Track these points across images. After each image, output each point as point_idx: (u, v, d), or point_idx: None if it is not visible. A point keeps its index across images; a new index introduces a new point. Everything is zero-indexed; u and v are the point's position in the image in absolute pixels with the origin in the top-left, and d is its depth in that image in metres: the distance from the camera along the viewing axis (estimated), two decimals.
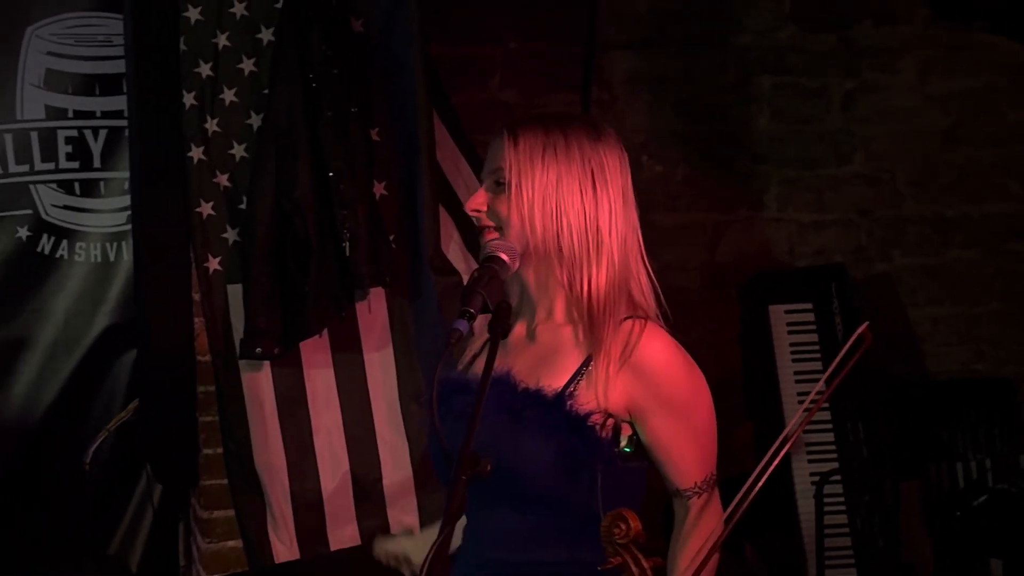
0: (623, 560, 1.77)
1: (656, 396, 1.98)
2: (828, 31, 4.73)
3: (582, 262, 2.01)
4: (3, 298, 4.35)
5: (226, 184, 3.57)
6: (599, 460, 1.95)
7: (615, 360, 1.98)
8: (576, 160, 2.02)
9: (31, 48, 4.29)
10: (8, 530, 4.36)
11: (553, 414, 1.95)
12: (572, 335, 2.03)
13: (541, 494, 1.97)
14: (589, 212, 2.01)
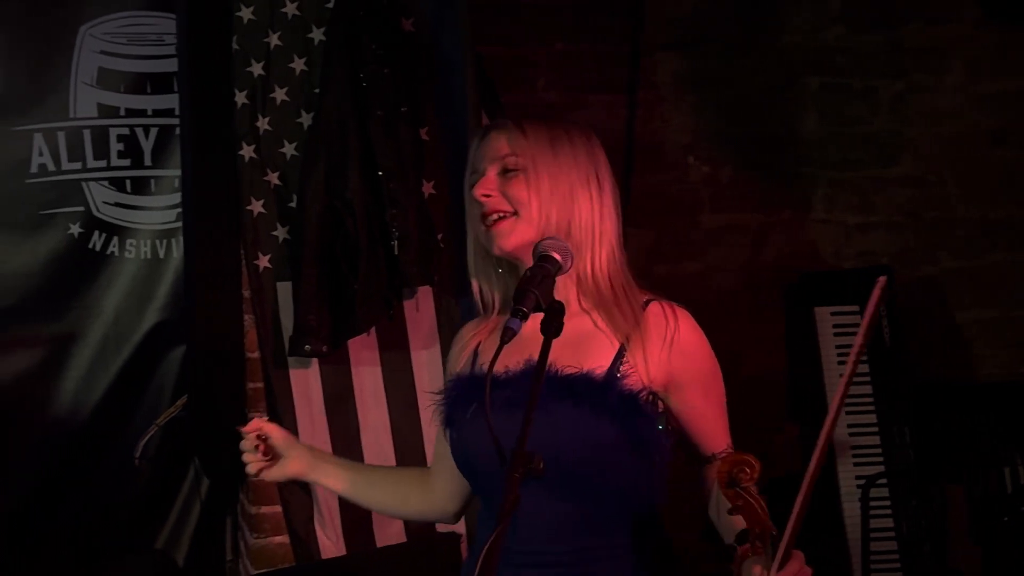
0: (746, 502, 1.79)
1: (693, 370, 2.04)
2: (876, 31, 4.71)
3: (588, 247, 2.06)
4: (55, 294, 4.40)
5: (276, 182, 3.60)
6: (653, 436, 2.00)
7: (656, 340, 2.02)
8: (581, 153, 2.10)
9: (84, 47, 4.34)
10: (57, 524, 4.42)
11: (607, 394, 1.98)
12: (592, 322, 2.06)
13: (597, 475, 1.98)
14: (595, 199, 2.08)
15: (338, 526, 3.61)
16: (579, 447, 1.96)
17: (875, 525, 4.10)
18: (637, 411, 1.98)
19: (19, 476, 4.42)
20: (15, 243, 4.36)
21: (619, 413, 1.97)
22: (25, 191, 4.36)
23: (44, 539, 4.42)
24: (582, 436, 1.97)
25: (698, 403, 2.05)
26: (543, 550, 2.01)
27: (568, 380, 1.99)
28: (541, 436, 1.84)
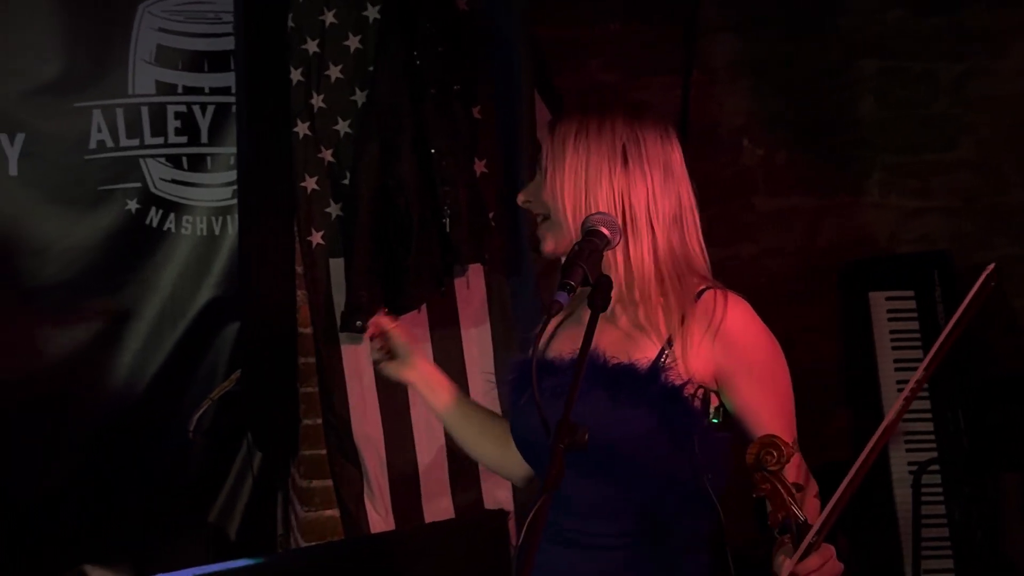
0: (772, 487, 1.80)
1: (744, 363, 2.01)
2: (936, 14, 4.67)
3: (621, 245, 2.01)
4: (112, 269, 4.45)
5: (330, 159, 3.61)
6: (695, 429, 1.98)
7: (702, 331, 2.00)
8: (607, 139, 2.04)
9: (143, 24, 4.38)
10: (112, 498, 4.48)
11: (649, 387, 1.97)
12: (648, 313, 2.04)
13: (636, 465, 1.99)
14: (619, 190, 2.02)
15: (387, 501, 3.63)
16: (619, 436, 1.97)
17: (927, 512, 4.09)
18: (677, 403, 1.97)
19: (75, 449, 4.48)
20: (74, 218, 4.42)
21: (659, 405, 1.97)
22: (84, 167, 4.41)
23: (100, 513, 4.50)
24: (621, 426, 1.97)
25: (750, 396, 2.01)
26: (589, 531, 2.03)
27: (612, 371, 2.00)
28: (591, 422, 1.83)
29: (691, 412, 1.98)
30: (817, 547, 1.74)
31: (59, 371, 4.42)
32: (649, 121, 2.09)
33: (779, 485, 1.79)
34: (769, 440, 1.80)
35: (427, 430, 3.67)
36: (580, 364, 1.80)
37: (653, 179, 2.03)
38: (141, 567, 4.37)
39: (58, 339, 4.42)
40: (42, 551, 4.45)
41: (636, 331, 2.04)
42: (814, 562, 1.74)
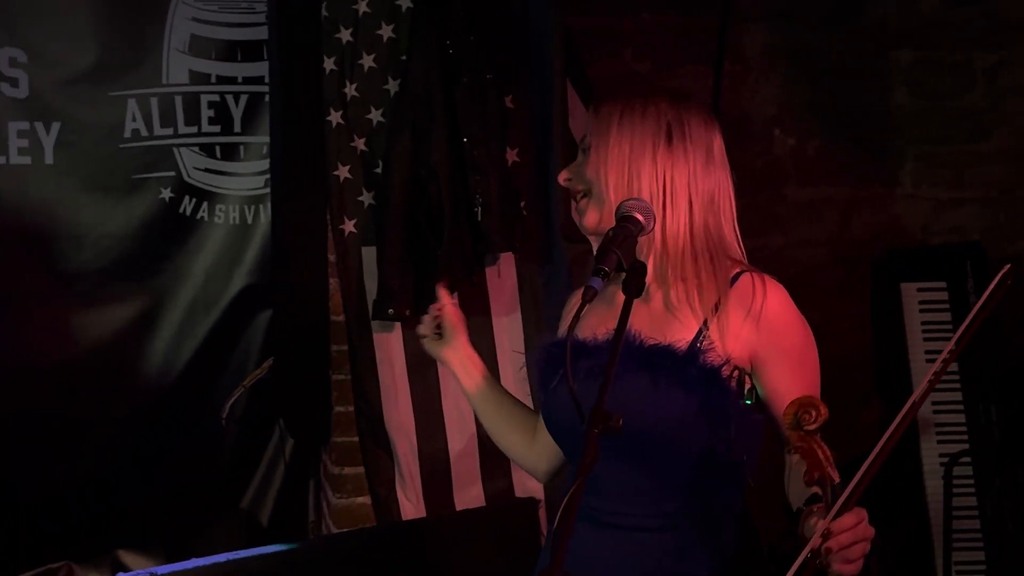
0: (808, 447, 1.81)
1: (779, 346, 2.03)
2: (970, 4, 4.64)
3: (660, 212, 2.04)
4: (146, 257, 4.47)
5: (363, 148, 3.62)
6: (733, 411, 2.00)
7: (742, 314, 2.02)
8: (651, 119, 2.07)
9: (177, 13, 4.40)
10: (145, 483, 4.50)
11: (688, 368, 1.99)
12: (683, 292, 2.06)
13: (675, 447, 2.00)
14: (662, 168, 2.05)
15: (419, 488, 3.64)
16: (657, 419, 1.99)
17: (957, 504, 4.08)
18: (716, 385, 1.99)
19: (108, 435, 4.52)
20: (109, 206, 4.45)
21: (697, 387, 1.99)
22: (119, 155, 4.44)
23: (133, 498, 4.53)
24: (660, 408, 1.99)
25: (781, 379, 2.03)
26: (625, 512, 2.05)
27: (649, 352, 2.01)
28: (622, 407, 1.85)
29: (729, 394, 2.00)
30: (850, 508, 1.75)
31: (93, 357, 4.45)
32: (693, 105, 2.13)
33: (815, 445, 1.81)
34: (808, 400, 1.82)
35: (458, 418, 3.67)
36: (615, 349, 1.82)
37: (695, 159, 2.06)
38: (174, 552, 4.38)
39: (93, 326, 4.46)
40: (76, 536, 4.49)
41: (670, 311, 2.06)
42: (849, 520, 1.74)
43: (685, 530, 2.04)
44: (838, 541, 1.73)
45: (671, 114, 2.08)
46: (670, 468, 2.02)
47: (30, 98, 4.39)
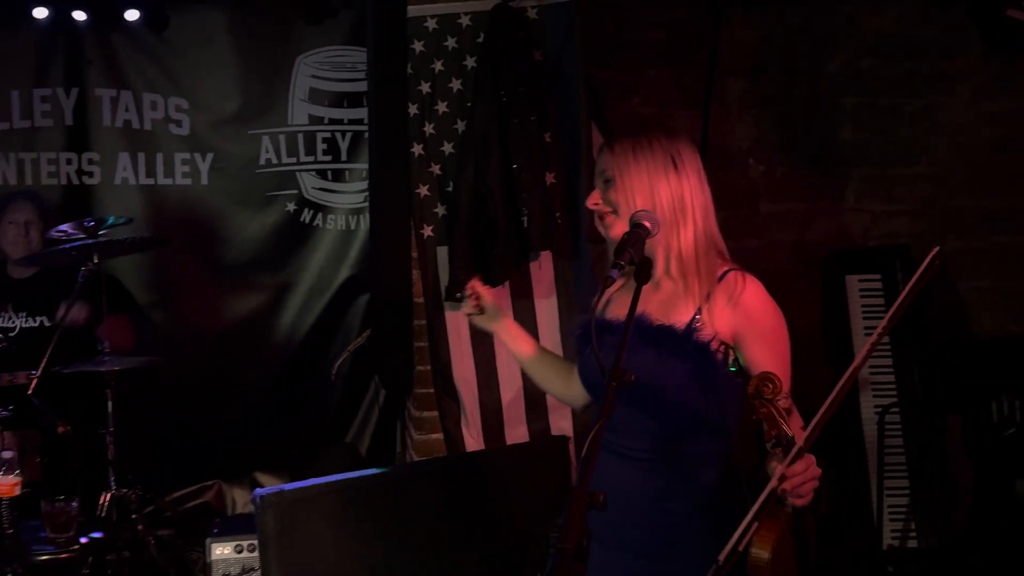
0: (768, 411, 1.81)
1: (755, 328, 2.02)
2: (900, 61, 4.61)
3: (674, 226, 2.04)
4: (276, 254, 4.57)
5: (438, 172, 3.63)
6: (719, 376, 2.00)
7: (724, 302, 2.02)
8: (659, 152, 2.06)
9: (299, 72, 4.47)
10: (276, 427, 4.59)
11: (685, 343, 1.99)
12: (683, 285, 2.05)
13: (674, 402, 2.00)
14: (674, 188, 2.04)
15: (479, 427, 3.65)
16: (661, 381, 1.99)
17: (888, 444, 4.05)
18: (705, 356, 1.99)
19: (249, 387, 4.60)
20: (249, 217, 4.55)
21: (692, 357, 1.99)
22: (256, 178, 4.53)
23: (267, 434, 4.61)
24: (664, 373, 1.99)
25: (759, 353, 2.00)
26: (636, 447, 2.05)
27: (656, 330, 2.02)
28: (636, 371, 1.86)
29: (716, 363, 2.00)
30: (801, 456, 1.76)
31: (239, 328, 4.55)
32: (682, 138, 2.11)
33: (773, 410, 1.81)
34: (766, 375, 1.81)
35: (509, 375, 3.67)
36: (627, 326, 1.83)
37: (693, 180, 2.06)
38: (296, 474, 4.45)
39: (238, 305, 4.56)
40: (224, 462, 4.59)
41: (674, 299, 2.06)
42: (799, 466, 1.75)
43: (677, 464, 2.04)
44: (791, 483, 1.75)
45: (670, 147, 2.07)
46: (670, 417, 2.02)
47: (191, 135, 4.49)
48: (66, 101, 4.41)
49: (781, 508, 1.81)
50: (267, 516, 2.84)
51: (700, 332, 2.00)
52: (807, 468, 1.77)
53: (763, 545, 1.79)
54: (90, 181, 4.46)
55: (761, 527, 1.80)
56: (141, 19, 4.33)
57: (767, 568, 1.79)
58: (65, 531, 3.17)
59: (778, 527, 1.80)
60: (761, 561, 1.79)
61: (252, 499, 2.90)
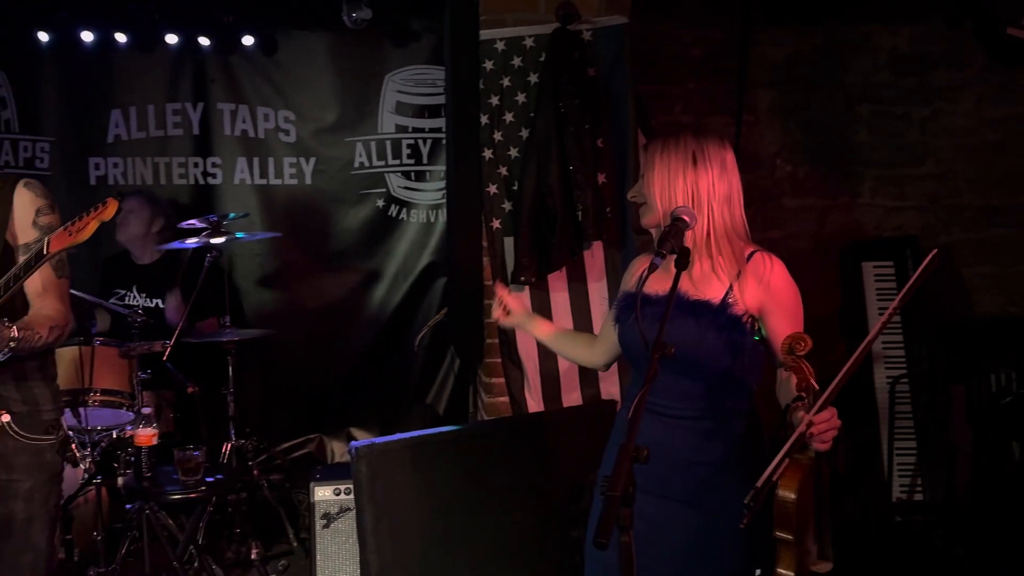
0: (798, 366, 1.80)
1: (780, 304, 2.00)
2: (911, 74, 4.54)
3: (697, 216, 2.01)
4: (367, 243, 4.61)
5: (505, 174, 3.62)
6: (748, 344, 1.99)
7: (755, 280, 2.00)
8: (681, 151, 2.02)
9: (388, 88, 4.50)
10: (367, 390, 4.65)
11: (719, 315, 1.98)
12: (710, 265, 2.03)
13: (710, 366, 1.98)
14: (690, 182, 2.00)
15: (539, 392, 3.64)
16: (699, 348, 1.97)
17: (898, 410, 4.00)
18: (738, 328, 1.97)
19: (345, 356, 4.67)
20: (345, 212, 4.60)
21: (725, 328, 1.97)
22: (351, 179, 4.58)
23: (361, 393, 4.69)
24: (701, 341, 1.97)
25: (779, 325, 1.99)
26: (675, 406, 2.04)
27: (693, 304, 2.00)
28: (677, 340, 1.90)
29: (746, 333, 1.99)
30: (825, 407, 1.76)
31: (336, 306, 4.62)
32: (710, 135, 2.07)
33: (803, 364, 1.80)
34: (798, 335, 1.81)
35: None
36: (668, 306, 1.82)
37: (713, 172, 2.02)
38: (385, 429, 4.54)
39: (337, 286, 4.62)
40: (324, 418, 4.67)
41: (704, 277, 2.04)
42: (825, 414, 1.75)
43: (710, 420, 2.03)
44: (818, 427, 1.75)
45: (694, 145, 2.03)
46: (706, 379, 2.01)
47: (297, 142, 4.55)
48: (193, 114, 4.48)
49: (805, 454, 1.80)
50: (361, 464, 2.87)
51: (733, 307, 1.98)
52: (831, 417, 1.77)
53: (789, 486, 1.78)
54: (213, 181, 4.53)
55: (787, 471, 1.79)
56: (255, 43, 4.40)
57: (793, 505, 1.78)
58: (193, 475, 3.24)
59: (802, 471, 1.79)
60: (788, 500, 1.78)
61: (348, 450, 2.92)
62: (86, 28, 4.22)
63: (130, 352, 3.53)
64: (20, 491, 2.19)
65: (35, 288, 2.23)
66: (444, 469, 3.03)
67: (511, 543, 3.12)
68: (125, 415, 3.61)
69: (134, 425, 3.45)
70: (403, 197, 4.59)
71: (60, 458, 2.29)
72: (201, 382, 3.78)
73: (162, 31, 4.27)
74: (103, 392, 3.52)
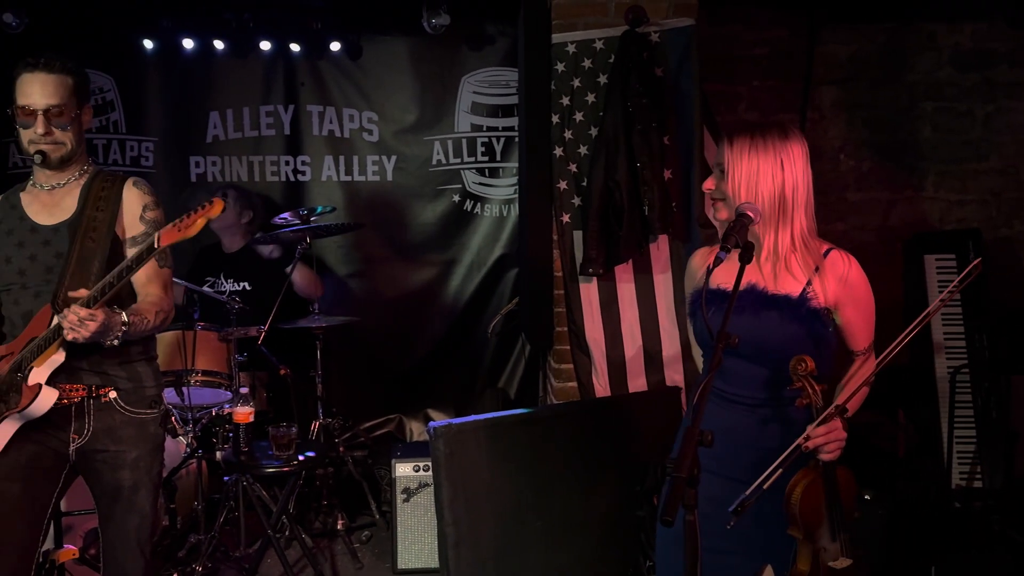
0: (802, 384, 1.85)
1: (855, 299, 1.99)
2: (974, 71, 4.41)
3: (773, 219, 1.98)
4: (444, 236, 4.63)
5: (575, 170, 3.61)
6: (826, 335, 1.98)
7: (835, 277, 1.99)
8: (770, 154, 1.97)
9: (464, 89, 4.52)
10: (443, 373, 4.69)
11: (800, 308, 1.96)
12: (786, 263, 2.00)
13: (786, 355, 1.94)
14: (776, 188, 1.96)
15: (606, 378, 3.64)
16: (779, 338, 1.96)
17: (959, 399, 3.89)
18: (817, 320, 1.96)
19: (424, 341, 4.70)
20: (423, 206, 4.64)
21: (807, 320, 1.95)
22: (429, 176, 4.61)
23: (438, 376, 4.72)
24: (783, 332, 1.96)
25: (852, 318, 1.99)
26: (744, 394, 2.02)
27: (774, 298, 1.98)
28: (757, 330, 1.91)
29: (825, 324, 1.98)
30: (826, 421, 1.83)
31: (415, 294, 4.66)
32: (795, 137, 2.01)
33: (805, 383, 1.86)
34: (799, 358, 1.86)
35: (630, 336, 3.64)
36: (731, 299, 1.82)
37: (797, 177, 1.98)
38: (460, 411, 4.58)
39: (414, 276, 4.66)
40: (404, 399, 4.73)
41: (782, 272, 2.01)
42: (822, 428, 1.85)
43: (776, 407, 2.00)
44: (813, 441, 1.85)
45: (782, 149, 1.98)
46: (778, 368, 1.98)
47: (379, 141, 4.60)
48: (284, 115, 4.56)
49: (816, 461, 1.89)
50: (438, 443, 2.91)
51: (813, 300, 1.97)
52: (830, 431, 1.84)
53: (795, 491, 1.88)
54: (303, 178, 4.60)
55: (798, 473, 1.89)
56: (342, 49, 4.46)
57: (797, 508, 1.87)
58: (286, 450, 3.30)
59: (809, 477, 1.88)
60: (794, 504, 1.88)
61: (427, 430, 2.96)
62: (187, 36, 4.33)
63: (228, 336, 3.63)
64: (127, 460, 2.28)
65: (141, 278, 2.32)
66: (515, 449, 3.05)
67: (578, 519, 3.13)
68: (224, 394, 3.71)
69: (232, 404, 3.56)
70: (477, 192, 4.61)
71: (162, 430, 2.38)
72: (292, 365, 3.87)
73: (256, 38, 4.35)
74: (204, 373, 3.63)
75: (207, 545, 3.43)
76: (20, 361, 2.20)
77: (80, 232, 2.25)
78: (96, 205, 2.28)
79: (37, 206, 2.31)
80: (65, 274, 2.22)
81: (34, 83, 2.21)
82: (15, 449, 2.22)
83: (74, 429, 2.27)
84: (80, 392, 2.26)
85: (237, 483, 3.52)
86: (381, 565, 3.65)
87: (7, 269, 2.27)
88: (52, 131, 2.23)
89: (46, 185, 2.33)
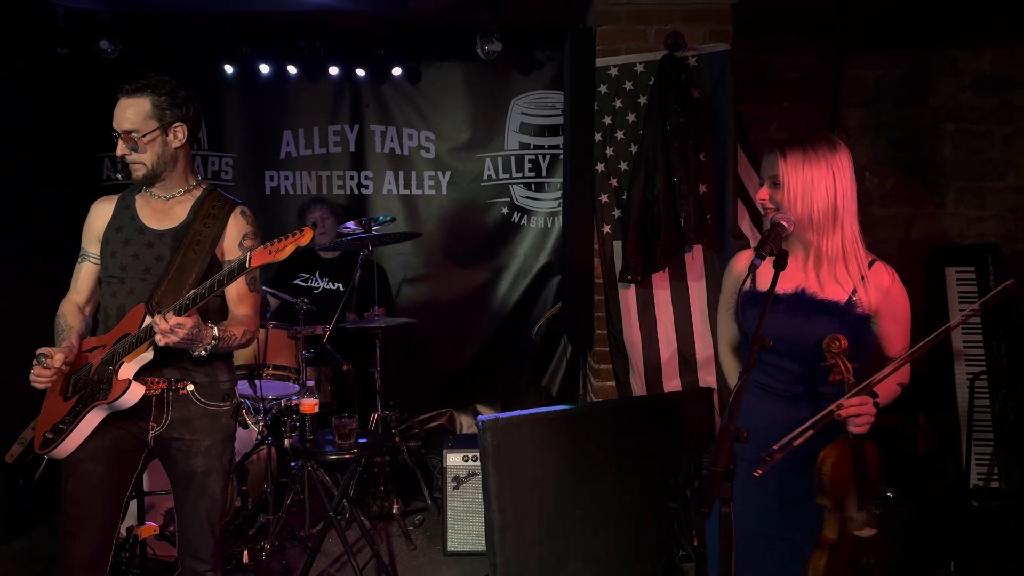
0: (835, 361, 1.82)
1: (892, 309, 1.96)
2: (993, 94, 4.26)
3: (826, 228, 1.93)
4: (493, 245, 4.60)
5: (615, 184, 3.59)
6: (868, 338, 1.95)
7: (878, 287, 1.95)
8: (822, 165, 1.91)
9: (513, 110, 4.49)
10: (491, 371, 4.64)
11: (847, 313, 1.92)
12: (834, 270, 1.96)
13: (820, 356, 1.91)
14: (829, 198, 1.91)
15: (642, 378, 3.60)
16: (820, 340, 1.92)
17: (977, 404, 3.75)
18: (862, 324, 1.92)
19: (473, 341, 4.66)
20: (474, 217, 4.60)
21: (853, 325, 1.92)
22: (480, 190, 4.58)
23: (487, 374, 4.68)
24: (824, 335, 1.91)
25: (890, 325, 1.95)
26: (785, 389, 1.98)
27: (824, 302, 1.94)
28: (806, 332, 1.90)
29: (868, 328, 1.95)
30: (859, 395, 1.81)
31: (466, 298, 4.63)
32: (842, 150, 1.95)
33: (839, 360, 1.82)
34: (833, 336, 1.84)
35: (666, 339, 3.61)
36: (766, 303, 1.79)
37: (846, 184, 1.93)
38: (506, 406, 4.54)
39: (467, 282, 4.63)
40: (455, 395, 4.69)
41: (829, 279, 1.96)
42: (855, 400, 1.82)
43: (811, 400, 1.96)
44: (846, 411, 1.82)
45: (832, 162, 1.92)
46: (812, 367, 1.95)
47: (435, 158, 4.59)
48: (350, 134, 4.57)
49: (847, 435, 1.85)
50: (487, 435, 2.89)
51: (858, 307, 1.93)
52: (861, 404, 1.81)
53: (825, 461, 1.85)
54: (366, 192, 4.60)
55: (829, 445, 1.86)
56: (403, 74, 4.46)
57: (828, 477, 1.84)
58: (347, 439, 3.29)
59: (838, 449, 1.85)
60: (824, 473, 1.84)
61: (476, 423, 2.95)
62: (263, 61, 4.38)
63: (297, 334, 3.63)
64: (200, 448, 2.26)
65: (234, 298, 2.32)
66: (557, 442, 3.03)
67: (615, 509, 3.09)
68: (292, 387, 3.71)
69: (299, 396, 3.55)
70: (524, 205, 4.58)
71: (233, 421, 2.36)
72: (354, 361, 3.86)
73: (325, 64, 4.38)
74: (274, 367, 3.63)
75: (275, 524, 3.44)
76: (112, 355, 2.20)
77: (185, 242, 2.24)
78: (205, 221, 2.28)
79: (148, 210, 2.31)
80: (163, 279, 2.21)
81: (119, 107, 2.23)
82: (100, 433, 2.21)
83: (153, 418, 2.26)
84: (160, 385, 2.25)
85: (302, 468, 3.51)
86: (432, 547, 3.61)
87: (111, 262, 2.27)
88: (127, 152, 2.23)
89: (156, 194, 2.33)
